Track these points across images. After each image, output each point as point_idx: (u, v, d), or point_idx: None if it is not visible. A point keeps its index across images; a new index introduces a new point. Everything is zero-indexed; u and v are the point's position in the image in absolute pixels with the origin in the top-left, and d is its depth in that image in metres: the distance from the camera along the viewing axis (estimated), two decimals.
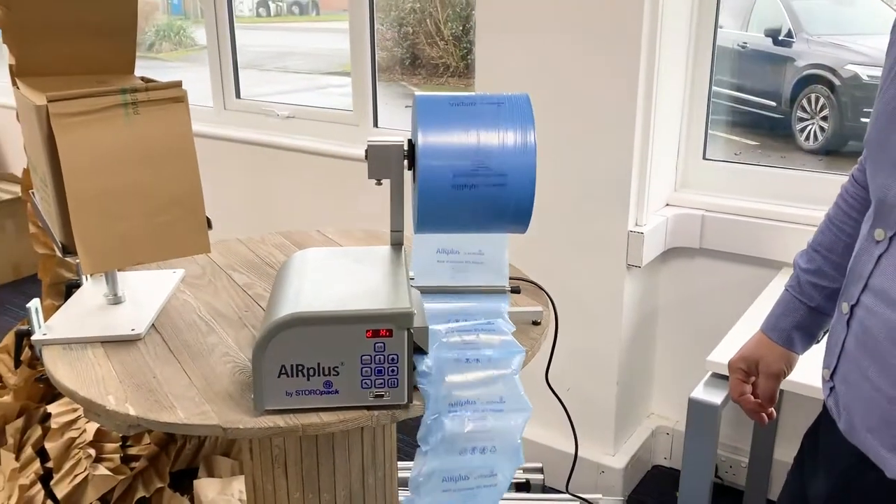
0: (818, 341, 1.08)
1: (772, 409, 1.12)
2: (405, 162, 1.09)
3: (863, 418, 0.82)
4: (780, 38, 2.56)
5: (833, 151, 2.40)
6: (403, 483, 1.52)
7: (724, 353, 1.53)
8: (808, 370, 1.14)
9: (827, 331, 1.01)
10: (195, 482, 1.95)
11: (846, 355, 0.85)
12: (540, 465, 1.95)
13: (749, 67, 2.52)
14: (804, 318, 1.04)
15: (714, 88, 2.18)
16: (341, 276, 1.08)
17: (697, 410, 1.45)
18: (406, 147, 1.08)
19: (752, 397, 1.11)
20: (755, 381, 1.12)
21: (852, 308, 0.84)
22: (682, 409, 1.51)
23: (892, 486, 0.79)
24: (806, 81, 2.47)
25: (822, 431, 0.97)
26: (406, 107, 1.07)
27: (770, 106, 2.48)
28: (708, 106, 2.14)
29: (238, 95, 3.08)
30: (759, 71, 2.56)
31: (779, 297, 1.10)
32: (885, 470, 0.80)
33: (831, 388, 0.89)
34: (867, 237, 0.84)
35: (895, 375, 0.77)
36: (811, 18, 2.60)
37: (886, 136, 0.81)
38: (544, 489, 1.93)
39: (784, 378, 1.10)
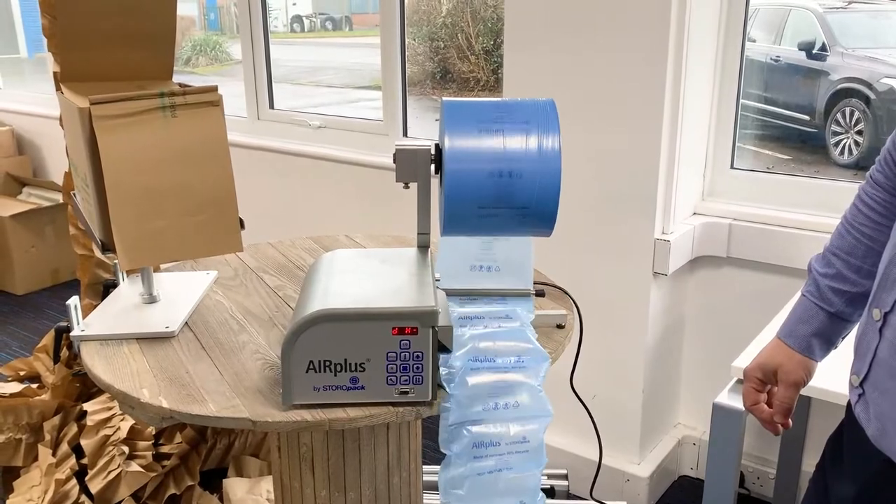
0: (836, 347, 1.06)
1: (788, 419, 1.09)
2: (432, 166, 1.11)
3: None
4: (814, 51, 2.54)
5: (867, 166, 2.38)
6: (427, 486, 1.53)
7: (750, 359, 1.53)
8: (838, 378, 1.11)
9: (845, 337, 1.01)
10: (224, 481, 1.98)
11: (879, 362, 0.84)
12: (564, 471, 1.96)
13: (782, 81, 2.52)
14: (823, 324, 1.02)
15: (746, 102, 2.18)
16: (368, 276, 1.10)
17: (722, 416, 1.45)
18: (433, 151, 1.11)
19: (766, 407, 1.09)
20: (771, 389, 1.09)
21: (885, 315, 0.83)
22: (709, 418, 1.51)
23: None
24: (840, 95, 2.46)
25: (848, 437, 0.95)
26: (436, 120, 1.09)
27: (803, 120, 2.47)
28: (736, 116, 2.15)
29: (272, 106, 3.14)
30: (792, 84, 2.55)
31: (796, 303, 1.07)
32: None
33: (860, 395, 0.88)
34: (892, 242, 0.84)
35: None
36: (845, 32, 2.58)
37: None
38: (569, 496, 1.93)
39: (804, 386, 1.07)
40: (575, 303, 1.31)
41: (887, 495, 0.85)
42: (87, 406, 2.06)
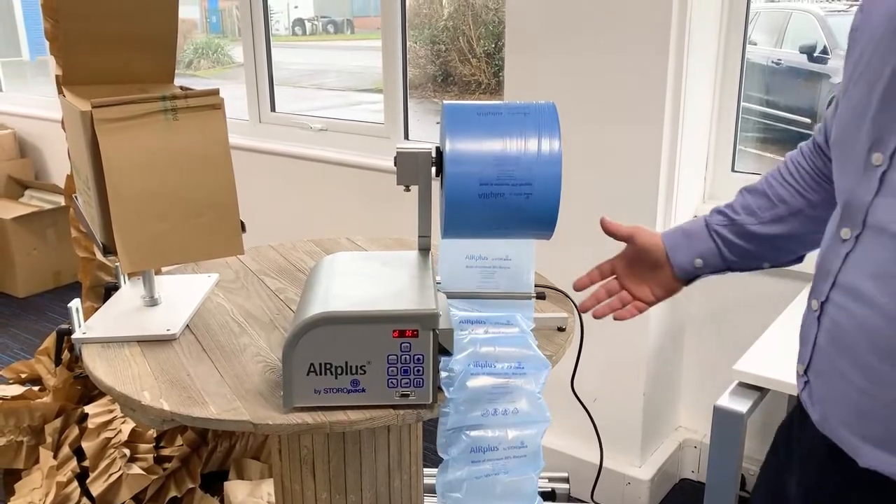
0: (692, 276, 1.12)
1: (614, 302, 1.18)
2: (433, 169, 1.11)
3: (836, 410, 0.83)
4: (816, 54, 2.55)
5: None
6: (428, 489, 1.53)
7: (751, 362, 1.53)
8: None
9: (705, 263, 1.09)
10: (225, 484, 1.98)
11: (819, 350, 0.86)
12: (565, 474, 1.96)
13: (783, 84, 2.52)
14: (694, 228, 1.11)
15: (747, 105, 2.18)
16: (369, 278, 1.10)
17: (723, 419, 1.45)
18: (434, 154, 1.11)
19: (596, 273, 1.18)
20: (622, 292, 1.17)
21: (822, 305, 0.85)
22: (710, 421, 1.51)
23: (864, 476, 0.79)
24: None
25: (796, 425, 0.97)
26: (437, 123, 1.09)
27: (805, 123, 2.47)
28: (737, 119, 2.15)
29: (273, 109, 3.15)
30: (793, 87, 2.55)
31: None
32: (858, 459, 0.80)
33: (805, 382, 0.90)
34: (834, 236, 0.85)
35: (866, 368, 0.78)
36: (847, 35, 2.58)
37: (852, 139, 0.82)
38: (570, 499, 1.93)
39: (638, 253, 1.15)
40: (576, 305, 1.31)
41: (834, 479, 0.86)
42: (88, 409, 2.07)
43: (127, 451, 1.97)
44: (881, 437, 0.74)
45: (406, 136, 2.79)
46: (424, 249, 1.20)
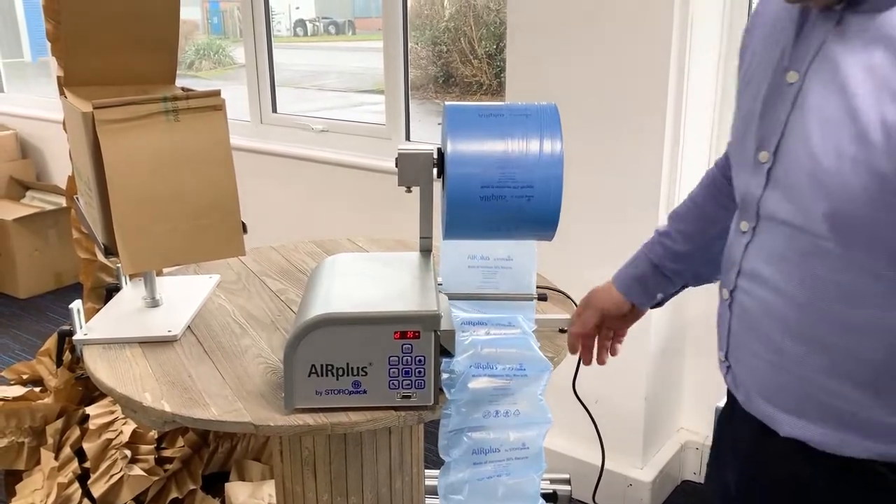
0: (657, 303, 1.19)
1: (601, 351, 1.24)
2: (434, 170, 1.11)
3: (755, 388, 0.91)
4: None
5: None
6: (430, 491, 1.53)
7: None
8: None
9: (665, 295, 1.17)
10: (226, 485, 1.98)
11: (733, 335, 0.94)
12: (567, 476, 1.95)
13: None
14: (644, 271, 1.16)
15: None
16: (371, 280, 1.10)
17: None
18: (435, 155, 1.11)
19: (579, 339, 1.22)
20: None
21: (731, 293, 0.93)
22: (712, 423, 1.51)
23: (787, 445, 0.86)
24: None
25: (727, 411, 1.02)
26: (438, 124, 1.10)
27: None
28: None
29: (275, 110, 3.15)
30: None
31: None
32: (779, 430, 0.87)
33: (728, 368, 0.97)
34: (736, 230, 0.93)
35: (773, 343, 0.86)
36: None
37: (743, 140, 0.90)
38: (571, 501, 1.93)
39: (605, 315, 1.19)
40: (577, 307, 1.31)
41: (764, 453, 0.92)
42: (89, 410, 2.07)
43: (128, 453, 1.97)
44: (794, 408, 0.81)
45: (407, 138, 2.79)
46: (426, 251, 1.20)
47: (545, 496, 1.93)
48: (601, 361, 1.28)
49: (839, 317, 0.79)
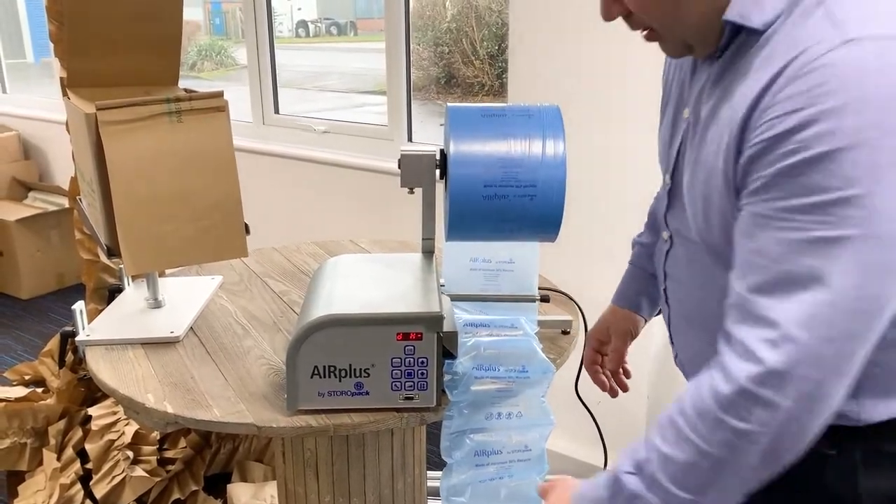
0: (660, 311, 1.20)
1: (624, 381, 1.27)
2: (437, 171, 1.11)
3: (691, 367, 1.02)
4: None
5: None
6: (432, 492, 1.53)
7: None
8: None
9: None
10: (229, 486, 1.98)
11: (672, 325, 1.06)
12: (569, 477, 1.95)
13: None
14: (647, 284, 1.19)
15: None
16: (373, 281, 1.10)
17: None
18: (438, 156, 1.11)
19: (600, 368, 1.25)
20: (607, 349, 1.24)
21: (664, 291, 1.05)
22: None
23: None
24: None
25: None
26: (440, 125, 1.10)
27: None
28: None
29: (276, 111, 3.15)
30: None
31: (624, 273, 1.24)
32: None
33: (676, 354, 1.09)
34: (660, 239, 1.04)
35: (699, 326, 0.97)
36: None
37: (659, 162, 1.01)
38: None
39: (633, 338, 1.23)
40: (580, 308, 1.31)
41: None
42: (91, 410, 2.07)
43: (130, 454, 1.97)
44: None
45: (409, 139, 2.79)
46: (428, 252, 1.20)
47: None
48: (625, 388, 1.30)
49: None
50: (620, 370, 1.28)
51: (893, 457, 0.78)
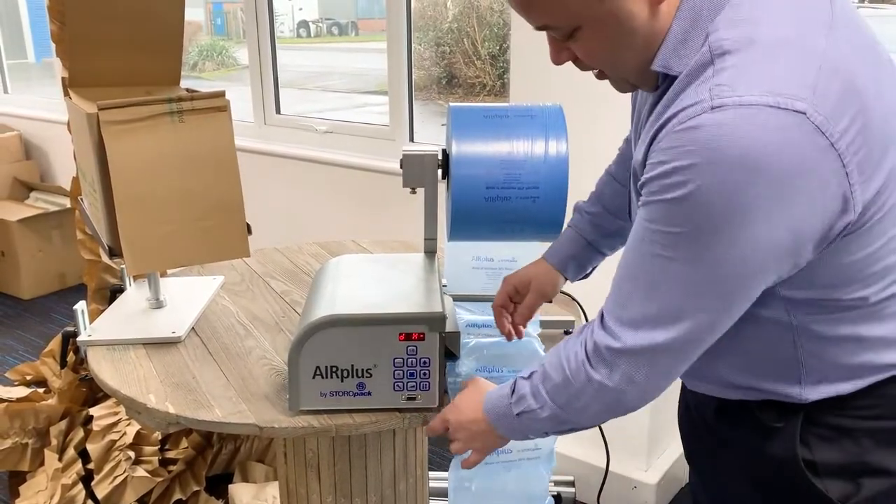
0: (587, 275, 1.24)
1: (520, 328, 1.24)
2: (439, 171, 1.11)
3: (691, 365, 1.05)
4: None
5: None
6: (434, 493, 1.53)
7: None
8: None
9: (594, 267, 1.23)
10: (230, 487, 1.98)
11: None
12: (571, 478, 1.95)
13: None
14: (581, 250, 1.21)
15: None
16: (375, 281, 1.10)
17: None
18: (440, 157, 1.11)
19: (507, 314, 1.22)
20: (520, 298, 1.22)
21: None
22: None
23: (693, 394, 1.04)
24: None
25: (682, 404, 1.13)
26: (442, 125, 1.10)
27: None
28: None
29: (278, 111, 3.15)
30: None
31: (562, 232, 1.23)
32: (687, 384, 1.05)
33: None
34: None
35: None
36: None
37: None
38: (575, 503, 1.93)
39: (548, 300, 1.22)
40: (582, 309, 1.30)
41: (685, 405, 1.10)
42: (93, 411, 2.07)
43: (132, 454, 1.96)
44: (688, 372, 0.94)
45: (411, 139, 2.79)
46: (430, 252, 1.20)
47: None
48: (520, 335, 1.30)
49: None
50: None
51: (831, 427, 0.89)
